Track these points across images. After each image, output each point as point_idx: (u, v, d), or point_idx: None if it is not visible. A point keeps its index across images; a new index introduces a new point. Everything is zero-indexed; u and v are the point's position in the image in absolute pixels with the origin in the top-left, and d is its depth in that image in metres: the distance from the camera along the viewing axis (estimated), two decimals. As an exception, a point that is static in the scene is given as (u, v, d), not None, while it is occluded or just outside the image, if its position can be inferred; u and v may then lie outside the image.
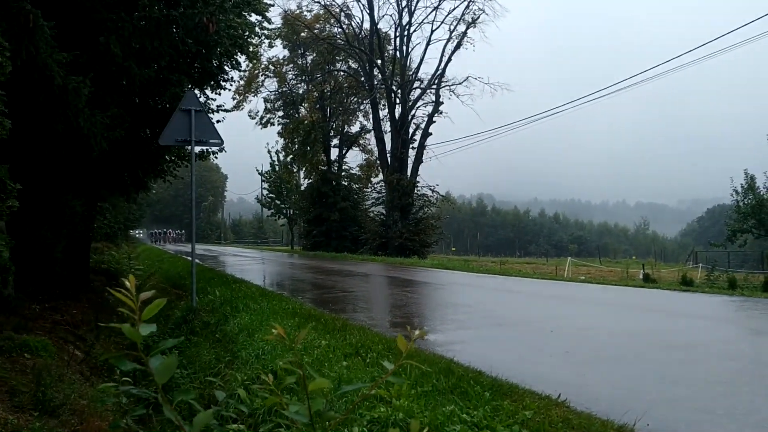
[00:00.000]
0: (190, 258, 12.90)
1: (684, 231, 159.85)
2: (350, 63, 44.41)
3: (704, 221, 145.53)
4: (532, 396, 4.52)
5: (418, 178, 39.58)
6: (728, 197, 31.87)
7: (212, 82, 15.18)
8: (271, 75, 44.51)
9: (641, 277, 32.34)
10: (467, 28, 38.47)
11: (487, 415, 4.07)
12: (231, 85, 17.26)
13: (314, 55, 44.56)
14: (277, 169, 53.44)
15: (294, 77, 46.27)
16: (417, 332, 2.02)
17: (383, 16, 40.94)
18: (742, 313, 10.05)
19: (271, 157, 53.69)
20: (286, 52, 44.82)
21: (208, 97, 16.16)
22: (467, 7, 38.23)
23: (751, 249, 40.84)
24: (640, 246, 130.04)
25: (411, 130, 39.87)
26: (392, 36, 41.86)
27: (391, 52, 42.22)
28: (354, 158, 49.26)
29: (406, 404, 4.22)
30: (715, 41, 25.90)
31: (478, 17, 38.15)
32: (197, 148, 12.98)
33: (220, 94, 16.56)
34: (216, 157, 18.53)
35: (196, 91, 13.76)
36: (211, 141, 11.62)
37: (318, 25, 43.04)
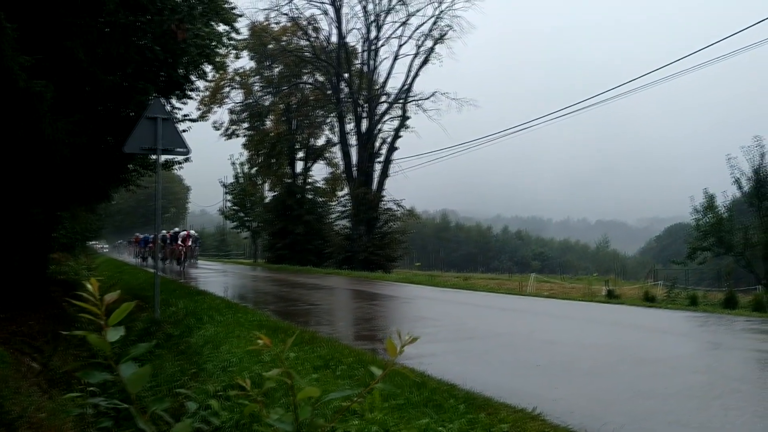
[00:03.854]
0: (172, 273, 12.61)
1: (643, 249, 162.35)
2: (317, 76, 44.33)
3: (663, 239, 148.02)
4: (507, 409, 4.46)
5: (383, 192, 39.58)
6: (687, 216, 32.49)
7: (178, 91, 15.00)
8: (237, 86, 44.17)
9: (605, 293, 32.66)
10: (435, 44, 38.79)
11: (463, 428, 4.00)
12: (197, 95, 17.10)
13: (281, 67, 44.36)
14: (241, 181, 52.92)
15: (260, 89, 45.96)
16: (407, 337, 1.94)
17: (351, 30, 41.00)
18: (707, 328, 10.16)
19: (235, 169, 53.21)
20: (252, 64, 44.57)
21: (173, 106, 15.95)
22: (435, 23, 38.56)
23: (708, 267, 41.56)
24: (601, 263, 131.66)
25: (377, 144, 39.90)
26: (360, 50, 41.95)
27: (358, 66, 42.26)
28: (319, 171, 49.20)
29: (380, 417, 4.12)
30: (673, 64, 26.43)
31: (446, 33, 38.52)
32: (163, 157, 12.77)
33: (186, 104, 16.37)
34: (181, 167, 18.31)
35: (162, 100, 13.57)
36: (177, 150, 11.40)
37: (285, 38, 42.91)
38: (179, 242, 32.03)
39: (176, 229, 37.38)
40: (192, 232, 34.83)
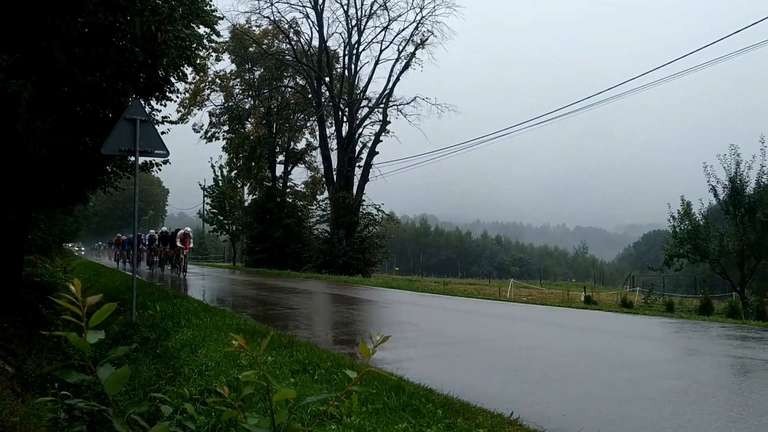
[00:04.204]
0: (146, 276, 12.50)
1: (621, 255, 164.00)
2: (298, 79, 44.27)
3: (640, 246, 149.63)
4: (484, 414, 4.47)
5: (363, 197, 39.57)
6: (664, 223, 32.74)
7: (158, 93, 14.86)
8: (218, 89, 43.99)
9: (582, 299, 32.94)
10: (416, 49, 38.91)
11: (441, 433, 4.00)
12: (177, 97, 16.98)
13: (262, 70, 44.27)
14: (220, 184, 52.70)
15: (241, 92, 45.82)
16: (378, 337, 1.93)
17: (332, 34, 40.92)
18: (683, 334, 10.26)
19: (214, 172, 53.01)
20: (233, 67, 44.41)
21: (153, 108, 15.80)
22: (416, 28, 38.69)
23: (684, 274, 42.02)
24: (580, 269, 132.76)
25: (358, 149, 39.93)
26: (341, 54, 41.98)
27: (339, 70, 42.27)
28: (299, 175, 49.12)
29: (357, 422, 4.12)
30: (651, 72, 26.77)
31: (427, 38, 38.66)
32: (141, 159, 12.67)
33: (165, 106, 16.20)
34: (159, 170, 18.13)
35: (142, 101, 13.45)
36: (156, 152, 11.34)
37: (266, 41, 42.83)
38: (178, 242, 28.04)
39: (164, 229, 34.13)
40: (187, 229, 29.94)
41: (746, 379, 6.28)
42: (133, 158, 11.52)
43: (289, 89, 44.71)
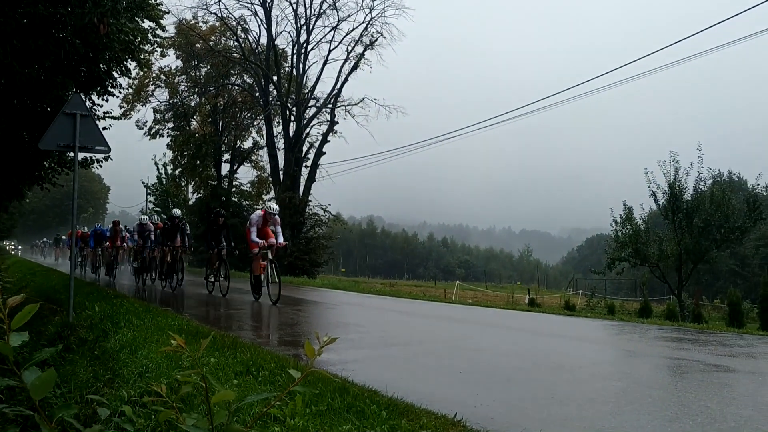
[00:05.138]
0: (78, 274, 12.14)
1: (565, 259, 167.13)
2: (245, 78, 43.84)
3: (584, 250, 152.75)
4: (428, 415, 4.45)
5: (310, 197, 39.45)
6: (607, 227, 33.50)
7: (99, 87, 14.53)
8: (162, 85, 43.19)
9: (527, 301, 33.43)
10: (365, 50, 38.99)
11: (385, 435, 3.97)
12: (119, 92, 16.61)
13: (208, 67, 43.63)
14: (164, 182, 51.73)
15: (186, 89, 45.08)
16: (326, 338, 1.89)
17: (281, 33, 40.74)
18: (622, 336, 10.47)
19: (158, 169, 51.94)
20: (179, 63, 43.66)
21: (94, 103, 15.43)
22: (366, 29, 38.76)
23: (626, 277, 43.02)
24: (525, 272, 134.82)
25: (305, 149, 39.80)
26: (289, 53, 41.73)
27: (287, 69, 42.01)
28: (245, 174, 48.56)
29: (301, 423, 4.05)
30: (595, 80, 27.41)
31: (376, 40, 38.77)
32: (81, 155, 12.32)
33: (107, 101, 15.85)
34: (100, 166, 17.67)
35: (82, 96, 13.09)
36: (97, 148, 11.02)
37: (213, 37, 42.26)
38: (175, 241, 19.46)
39: (144, 217, 22.94)
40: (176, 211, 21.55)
41: (682, 380, 6.43)
42: (72, 154, 11.19)
43: (236, 87, 44.21)
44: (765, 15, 21.09)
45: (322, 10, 39.40)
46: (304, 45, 39.86)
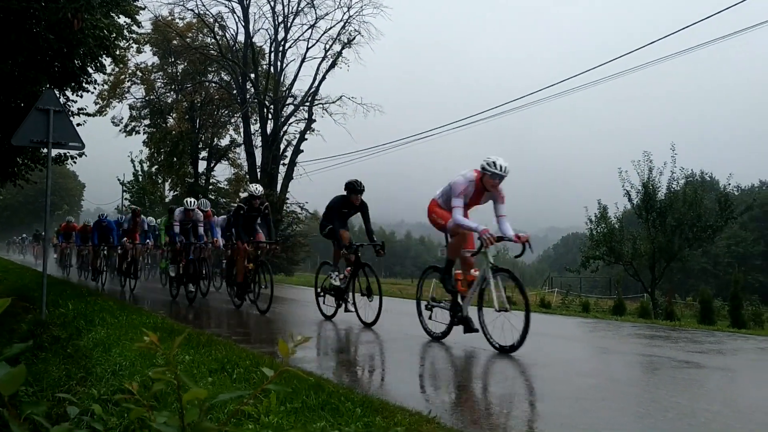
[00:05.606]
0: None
1: (541, 257, 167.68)
2: (222, 75, 43.55)
3: (559, 248, 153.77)
4: (403, 412, 4.48)
5: (287, 195, 39.28)
6: (582, 226, 33.74)
7: (74, 83, 14.38)
8: (139, 81, 42.72)
9: (502, 299, 33.42)
10: (342, 48, 38.92)
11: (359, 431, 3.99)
12: (94, 88, 16.46)
13: (185, 64, 43.27)
14: (140, 179, 51.23)
15: (163, 85, 44.65)
16: (299, 337, 1.90)
17: (258, 30, 40.31)
18: (597, 333, 10.60)
19: (134, 166, 51.42)
20: (155, 59, 43.21)
21: (68, 99, 15.26)
22: (343, 27, 38.68)
23: (600, 275, 43.41)
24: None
25: (282, 147, 39.65)
26: (267, 51, 41.52)
27: (265, 66, 41.81)
28: (223, 172, 48.00)
29: (276, 421, 4.05)
30: (571, 79, 27.66)
31: (354, 38, 38.71)
32: (54, 151, 12.19)
33: (82, 97, 15.67)
34: (74, 162, 17.44)
35: (56, 92, 12.94)
36: (71, 144, 10.92)
37: (190, 34, 41.93)
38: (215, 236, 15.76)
39: (190, 200, 15.40)
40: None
41: (654, 376, 6.53)
42: (45, 150, 11.06)
43: (214, 84, 43.92)
44: (736, 18, 21.39)
45: (299, 8, 39.30)
46: (282, 43, 39.74)
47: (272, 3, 39.20)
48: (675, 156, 28.70)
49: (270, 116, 39.45)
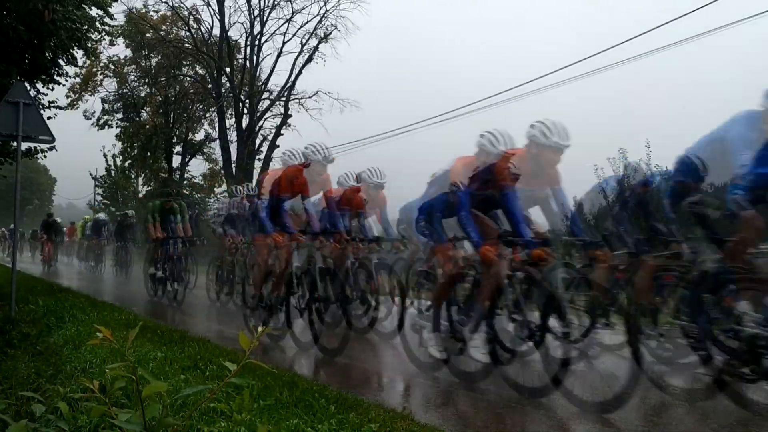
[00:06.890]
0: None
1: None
2: (197, 69, 43.07)
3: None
4: (377, 409, 4.46)
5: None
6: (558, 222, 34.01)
7: (44, 76, 14.14)
8: (111, 75, 42.15)
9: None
10: (319, 43, 38.62)
11: (333, 429, 3.95)
12: (66, 81, 16.21)
13: (159, 57, 42.72)
14: (113, 174, 50.59)
15: (136, 79, 44.03)
16: (260, 329, 1.86)
17: (234, 24, 39.85)
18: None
19: (107, 161, 50.66)
20: (128, 52, 42.54)
21: (39, 91, 14.98)
22: (320, 21, 38.40)
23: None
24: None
25: (258, 141, 39.38)
26: (243, 45, 41.17)
27: (240, 60, 41.46)
28: (197, 167, 47.55)
29: (248, 418, 4.00)
30: (548, 75, 27.79)
31: (331, 33, 38.41)
32: (24, 145, 11.97)
33: (53, 89, 15.40)
34: (45, 156, 17.07)
35: (26, 84, 12.69)
36: (41, 137, 10.72)
37: (165, 27, 41.41)
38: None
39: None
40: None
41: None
42: (15, 144, 10.85)
43: (188, 78, 43.45)
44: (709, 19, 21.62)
45: (276, 2, 38.91)
46: (258, 37, 39.34)
47: (248, -4, 38.87)
48: (650, 153, 29.00)
49: (245, 111, 39.14)
